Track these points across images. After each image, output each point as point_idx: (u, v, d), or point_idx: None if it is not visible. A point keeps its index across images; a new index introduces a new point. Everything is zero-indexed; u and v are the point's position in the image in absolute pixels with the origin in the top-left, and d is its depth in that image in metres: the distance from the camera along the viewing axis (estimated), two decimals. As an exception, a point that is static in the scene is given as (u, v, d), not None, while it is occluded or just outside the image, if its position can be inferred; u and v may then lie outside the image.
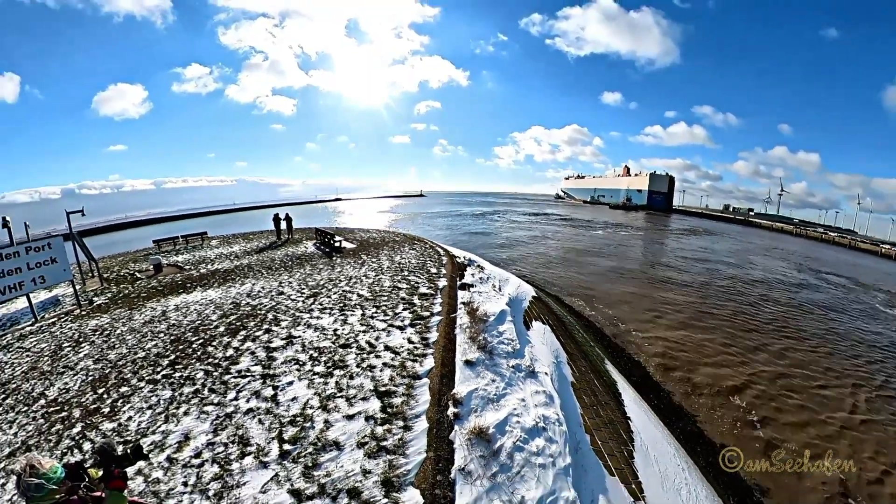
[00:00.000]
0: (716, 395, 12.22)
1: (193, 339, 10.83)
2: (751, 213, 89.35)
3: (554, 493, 5.75)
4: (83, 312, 14.63)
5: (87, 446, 6.85)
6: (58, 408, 8.30)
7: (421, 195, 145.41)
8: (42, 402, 8.65)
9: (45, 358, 10.90)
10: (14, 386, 9.53)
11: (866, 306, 24.56)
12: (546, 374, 8.70)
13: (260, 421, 6.94)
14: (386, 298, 12.58)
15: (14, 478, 3.02)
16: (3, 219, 13.75)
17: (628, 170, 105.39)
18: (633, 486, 6.95)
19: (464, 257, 18.99)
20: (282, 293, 14.44)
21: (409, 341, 9.47)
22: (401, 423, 6.63)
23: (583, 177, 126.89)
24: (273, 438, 6.46)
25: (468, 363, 8.40)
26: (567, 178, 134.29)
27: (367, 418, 6.77)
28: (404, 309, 11.51)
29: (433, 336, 9.70)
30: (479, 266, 16.91)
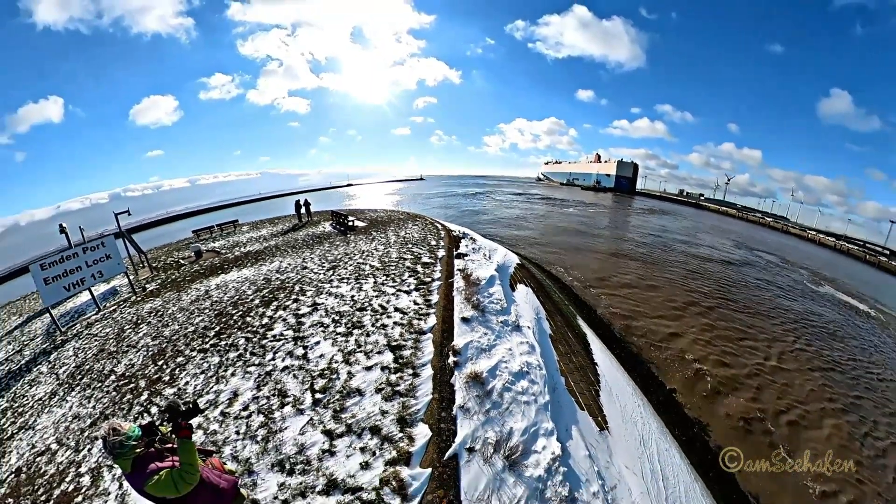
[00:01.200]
0: (664, 345, 12.47)
1: (234, 311, 10.85)
2: (701, 198, 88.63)
3: (536, 424, 5.95)
4: (138, 298, 14.63)
5: (154, 410, 7.01)
6: (126, 381, 8.40)
7: (421, 179, 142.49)
8: (112, 377, 8.74)
9: (111, 340, 10.95)
10: (88, 367, 9.60)
11: (790, 279, 24.91)
12: (529, 327, 8.81)
13: (294, 376, 7.07)
14: (394, 268, 12.57)
15: (100, 441, 3.13)
16: (61, 226, 13.54)
17: (599, 157, 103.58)
18: (600, 419, 7.21)
19: (459, 231, 18.88)
20: (306, 268, 14.39)
21: (415, 303, 9.52)
22: (410, 371, 6.77)
23: (560, 162, 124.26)
24: (306, 389, 6.60)
25: (464, 320, 8.50)
26: (546, 164, 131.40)
27: (383, 368, 6.89)
28: (410, 276, 11.52)
29: (434, 298, 9.76)
30: (471, 238, 16.88)
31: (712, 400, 10.07)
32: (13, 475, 6.41)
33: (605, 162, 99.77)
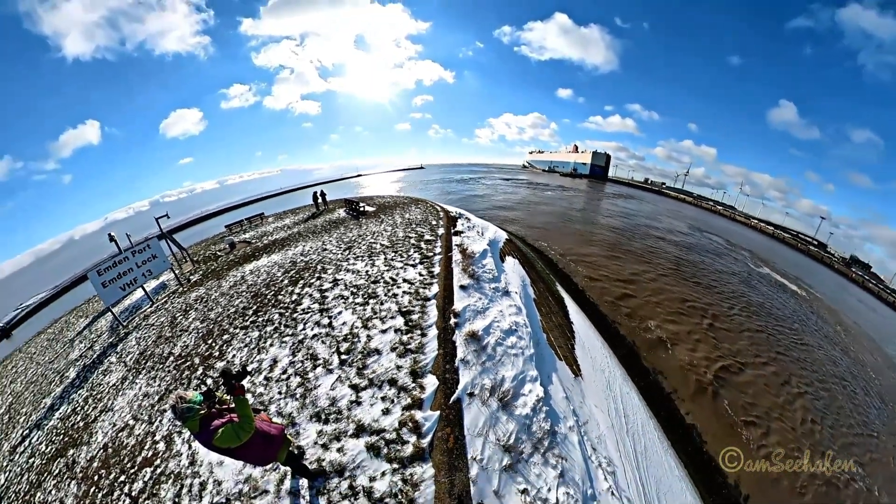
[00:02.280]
0: (624, 306, 12.84)
1: (267, 292, 10.88)
2: (663, 186, 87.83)
3: (523, 372, 6.15)
4: (185, 289, 14.60)
5: (209, 381, 7.18)
6: (183, 360, 8.53)
7: (421, 168, 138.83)
8: (171, 358, 8.85)
9: (166, 327, 11.00)
10: (150, 352, 9.71)
11: (732, 258, 25.40)
12: (516, 292, 8.88)
13: (322, 342, 7.19)
14: (401, 245, 12.48)
15: (170, 411, 3.31)
16: (109, 235, 13.35)
17: (577, 148, 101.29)
18: (574, 367, 7.48)
19: (455, 211, 18.64)
20: (325, 249, 14.27)
21: (420, 274, 9.52)
22: (419, 332, 6.89)
23: (542, 152, 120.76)
24: (333, 352, 6.74)
25: (462, 287, 8.57)
26: (531, 153, 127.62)
27: (396, 331, 7.00)
28: (414, 252, 11.46)
29: (436, 270, 9.77)
30: (466, 218, 16.72)
31: (663, 351, 10.53)
32: (102, 450, 6.65)
33: (582, 152, 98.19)
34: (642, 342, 10.73)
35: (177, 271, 16.90)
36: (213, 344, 8.68)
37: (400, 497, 4.32)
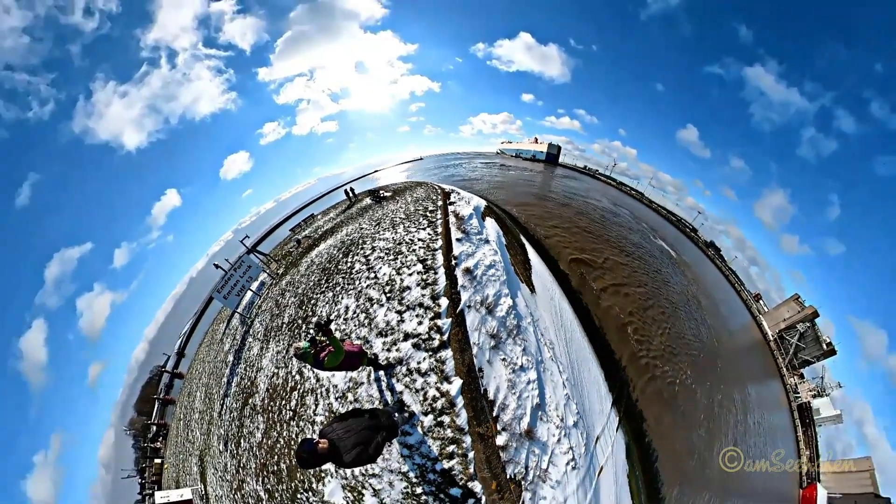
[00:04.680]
0: (560, 248, 13.43)
1: (330, 266, 10.95)
2: (597, 173, 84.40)
3: (499, 291, 6.79)
4: (277, 281, 14.94)
5: (311, 332, 7.60)
6: (291, 324, 9.15)
7: (420, 159, 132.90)
8: (284, 326, 9.47)
9: (274, 308, 11.42)
10: (270, 327, 10.38)
11: (636, 225, 26.39)
12: (493, 241, 9.05)
13: (373, 289, 7.50)
14: (413, 216, 11.84)
15: (293, 357, 3.95)
16: (214, 264, 14.33)
17: (537, 140, 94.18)
18: (531, 287, 8.19)
19: (448, 188, 18.33)
20: (361, 228, 13.97)
21: (428, 234, 9.18)
22: (433, 272, 7.12)
23: (511, 142, 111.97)
24: (381, 294, 7.14)
25: (458, 239, 8.59)
26: (501, 143, 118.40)
27: (418, 273, 7.21)
28: (423, 219, 10.87)
29: (439, 229, 9.39)
30: (457, 192, 16.02)
31: (584, 281, 11.43)
32: (266, 392, 7.67)
33: (540, 143, 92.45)
34: (572, 273, 11.63)
35: (267, 271, 17.28)
36: (307, 308, 9.05)
37: (435, 370, 5.23)
